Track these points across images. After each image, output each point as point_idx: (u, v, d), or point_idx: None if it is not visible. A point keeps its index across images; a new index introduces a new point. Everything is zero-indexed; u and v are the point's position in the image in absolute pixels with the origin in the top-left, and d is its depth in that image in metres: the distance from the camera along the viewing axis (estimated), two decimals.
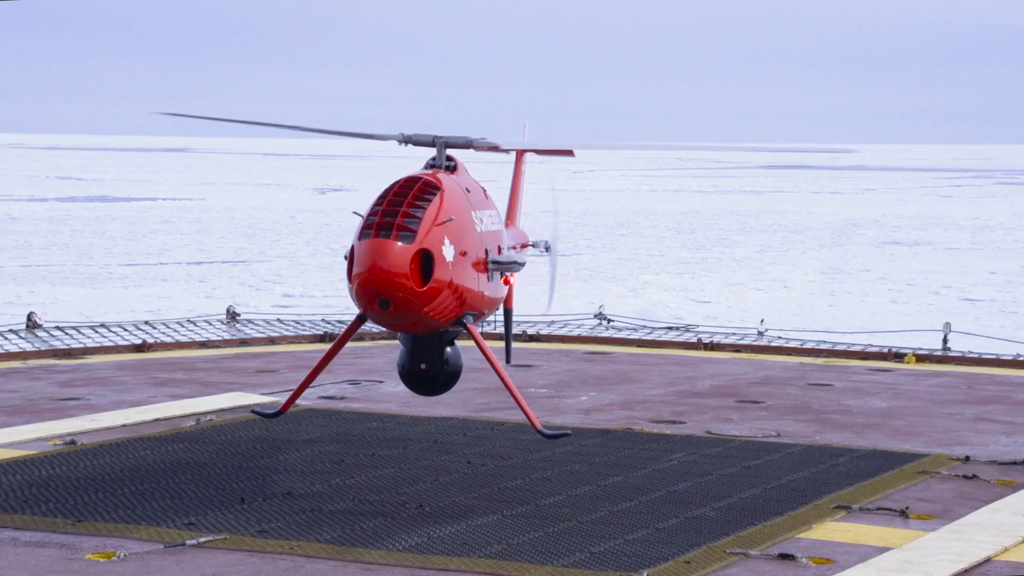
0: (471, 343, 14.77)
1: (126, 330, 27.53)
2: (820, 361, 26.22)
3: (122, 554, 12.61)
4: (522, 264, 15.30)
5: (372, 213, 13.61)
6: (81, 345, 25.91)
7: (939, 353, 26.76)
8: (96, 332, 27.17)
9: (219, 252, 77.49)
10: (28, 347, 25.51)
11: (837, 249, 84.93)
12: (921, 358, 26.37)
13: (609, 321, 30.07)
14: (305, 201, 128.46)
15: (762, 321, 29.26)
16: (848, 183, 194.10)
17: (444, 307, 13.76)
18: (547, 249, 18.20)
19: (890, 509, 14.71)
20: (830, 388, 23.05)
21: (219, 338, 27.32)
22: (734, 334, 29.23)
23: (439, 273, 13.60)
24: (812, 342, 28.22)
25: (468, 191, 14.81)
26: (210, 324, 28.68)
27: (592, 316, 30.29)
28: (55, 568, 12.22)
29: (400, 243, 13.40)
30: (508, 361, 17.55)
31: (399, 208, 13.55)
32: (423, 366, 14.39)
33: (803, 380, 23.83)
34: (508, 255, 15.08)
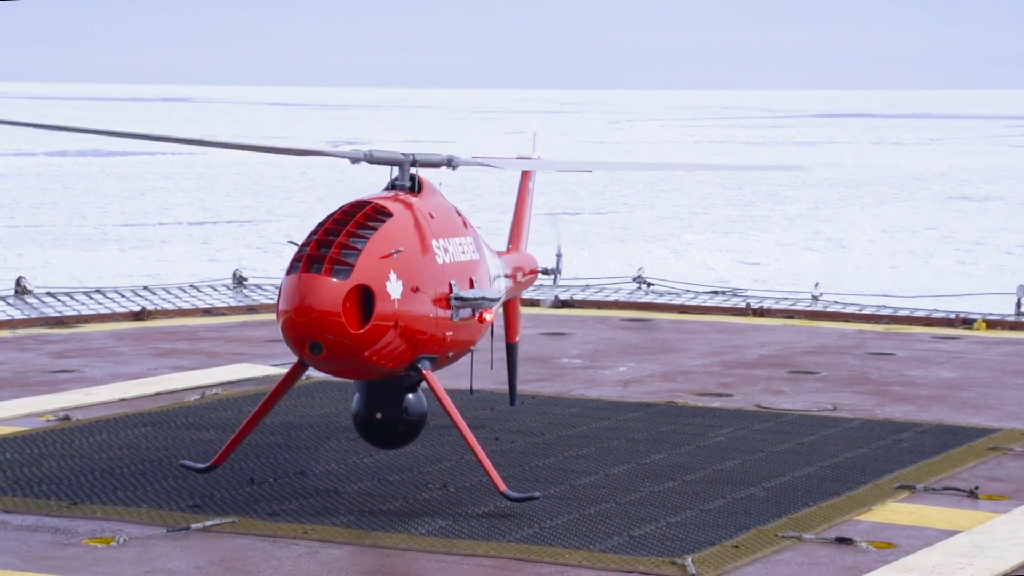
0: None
1: (123, 296, 27.65)
2: (880, 328, 26.19)
3: (121, 539, 12.70)
4: (494, 299, 14.42)
5: (305, 243, 13.05)
6: (75, 313, 26.05)
7: (1011, 319, 26.70)
8: (91, 299, 27.29)
9: (223, 211, 77.69)
10: (17, 315, 25.65)
11: (899, 205, 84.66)
12: (992, 324, 26.31)
13: (649, 285, 30.07)
14: None
15: (816, 284, 29.23)
16: (911, 132, 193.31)
17: (389, 351, 13.08)
18: (555, 272, 17.68)
19: (958, 489, 14.71)
20: (891, 357, 23.03)
21: (224, 305, 27.42)
22: (786, 299, 29.21)
23: (381, 312, 12.88)
24: (871, 307, 28.20)
25: (432, 216, 14.05)
26: (214, 289, 28.79)
27: (631, 279, 30.29)
28: (49, 554, 12.32)
29: (333, 279, 12.76)
30: (512, 403, 17.37)
31: (335, 238, 12.95)
32: (379, 415, 13.74)
33: (861, 348, 23.81)
34: (476, 290, 14.14)
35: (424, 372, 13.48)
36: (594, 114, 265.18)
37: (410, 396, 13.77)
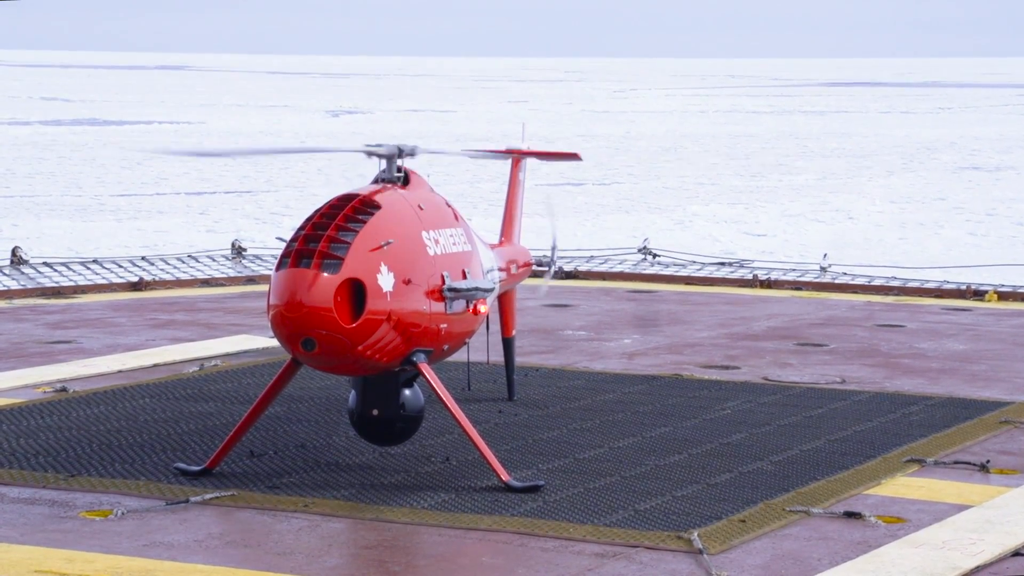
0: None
1: (120, 267, 27.67)
2: (890, 299, 26.19)
3: (119, 512, 12.72)
4: (488, 290, 14.33)
5: (293, 238, 13.02)
6: (71, 283, 26.07)
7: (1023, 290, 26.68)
8: (88, 269, 27.32)
9: (222, 181, 77.67)
10: (13, 285, 25.67)
11: (908, 175, 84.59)
12: (1003, 295, 26.29)
13: (655, 256, 30.07)
14: (316, 125, 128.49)
15: (824, 256, 29.22)
16: (921, 101, 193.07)
17: (383, 345, 13.04)
18: (550, 264, 17.54)
19: (968, 463, 14.71)
20: (901, 329, 23.02)
21: (223, 275, 27.43)
22: (793, 270, 29.20)
23: (373, 306, 12.85)
24: (881, 279, 28.19)
25: (421, 208, 14.00)
26: (213, 260, 28.79)
27: (636, 251, 30.29)
28: (46, 527, 12.34)
29: (323, 273, 12.74)
30: (511, 397, 17.34)
31: (324, 232, 12.92)
32: (375, 412, 13.67)
33: (871, 320, 23.81)
34: (469, 281, 14.08)
35: (420, 365, 13.46)
36: (598, 83, 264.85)
37: (407, 392, 13.72)
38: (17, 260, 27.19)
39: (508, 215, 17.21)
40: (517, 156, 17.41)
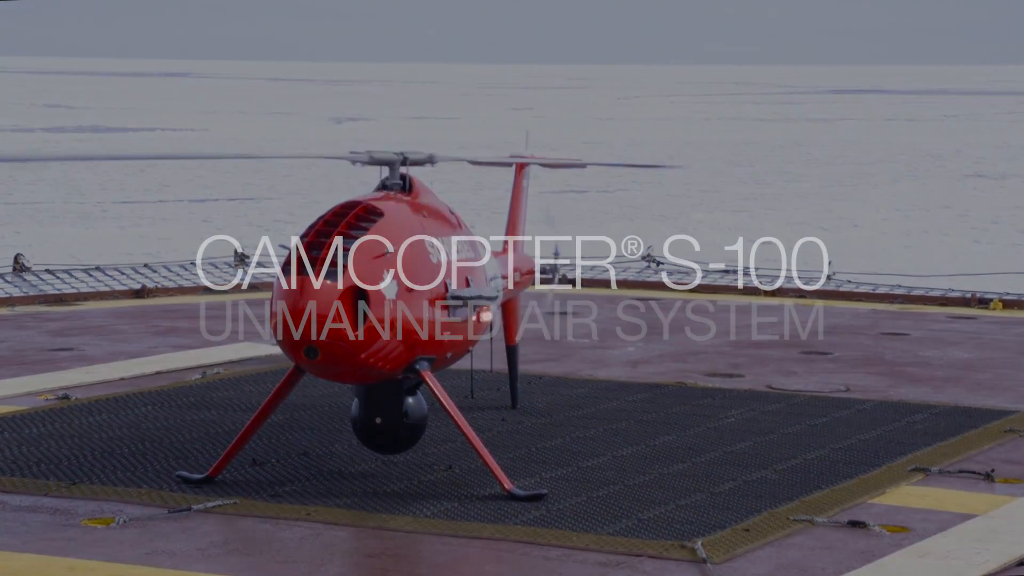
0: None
1: (123, 274, 27.68)
2: (894, 308, 26.19)
3: (121, 520, 12.73)
4: (491, 297, 14.35)
5: (296, 246, 13.06)
6: (74, 290, 26.10)
7: None
8: (90, 276, 27.34)
9: (224, 188, 77.69)
10: (15, 292, 25.70)
11: (913, 183, 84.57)
12: (1008, 304, 26.29)
13: (658, 264, 30.06)
14: (319, 132, 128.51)
15: (829, 263, 29.21)
16: (926, 109, 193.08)
17: (386, 353, 13.08)
18: (554, 271, 17.68)
19: (973, 472, 14.71)
20: (906, 338, 23.02)
21: (225, 283, 27.43)
22: (798, 278, 29.18)
23: (376, 314, 12.91)
24: (885, 287, 28.19)
25: (424, 215, 14.08)
26: (215, 267, 28.80)
27: (639, 258, 30.28)
28: (48, 535, 12.35)
29: (326, 280, 12.80)
30: (514, 405, 17.35)
31: (326, 239, 12.98)
32: (378, 420, 13.72)
33: (875, 329, 23.81)
34: (473, 288, 14.11)
35: (423, 373, 13.48)
36: (603, 90, 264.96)
37: (410, 400, 13.77)
38: (19, 267, 27.20)
39: (511, 222, 17.23)
40: (521, 163, 17.42)
